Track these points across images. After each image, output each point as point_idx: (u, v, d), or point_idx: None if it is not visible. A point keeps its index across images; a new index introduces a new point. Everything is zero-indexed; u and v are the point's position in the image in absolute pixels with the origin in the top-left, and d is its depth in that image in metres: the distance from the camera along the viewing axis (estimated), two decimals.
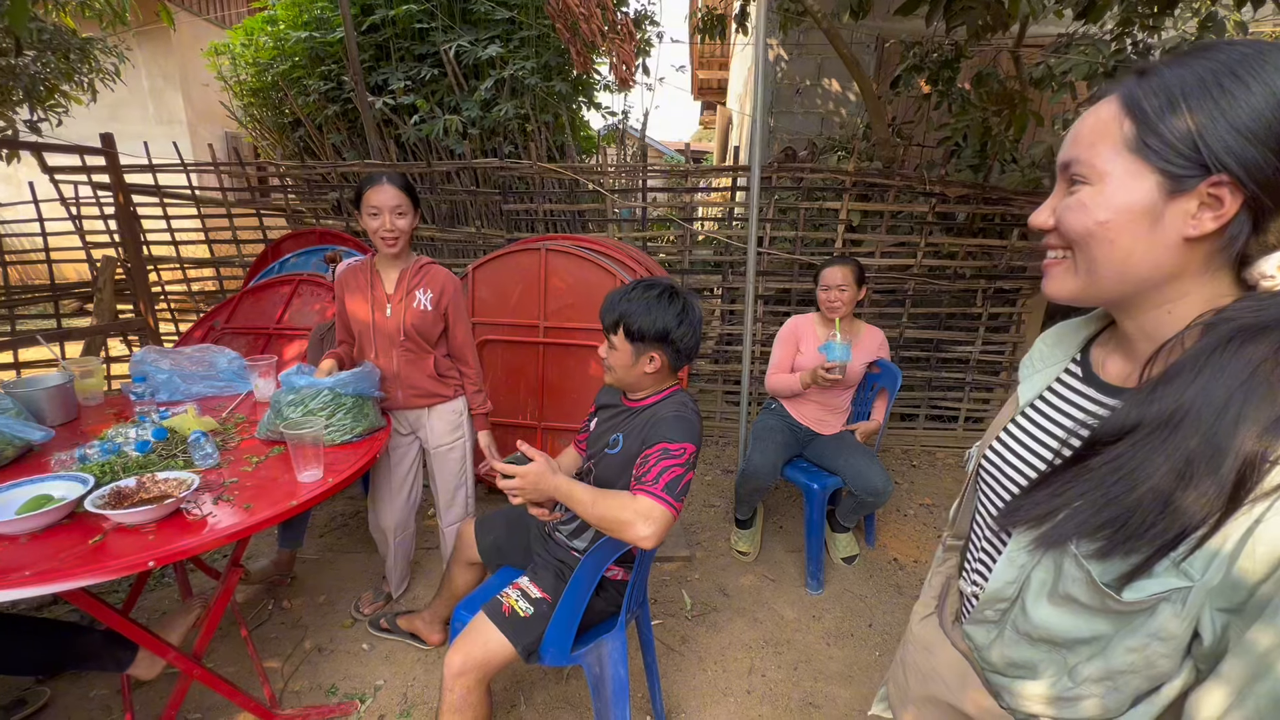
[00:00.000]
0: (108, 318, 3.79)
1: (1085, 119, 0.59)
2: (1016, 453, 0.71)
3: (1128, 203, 0.55)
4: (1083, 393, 0.67)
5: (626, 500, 1.26)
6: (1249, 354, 0.49)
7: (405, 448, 2.07)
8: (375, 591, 2.24)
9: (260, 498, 1.39)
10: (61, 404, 1.84)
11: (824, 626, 2.23)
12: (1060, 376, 0.72)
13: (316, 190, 4.13)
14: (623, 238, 3.80)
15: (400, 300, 1.89)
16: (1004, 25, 2.93)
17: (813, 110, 5.03)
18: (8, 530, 1.21)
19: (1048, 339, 0.74)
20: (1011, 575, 0.64)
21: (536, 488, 1.30)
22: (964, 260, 3.62)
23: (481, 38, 4.54)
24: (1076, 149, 0.59)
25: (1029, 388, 0.73)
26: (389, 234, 1.80)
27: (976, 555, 0.76)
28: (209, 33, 7.83)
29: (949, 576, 0.84)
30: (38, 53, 4.07)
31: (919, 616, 0.84)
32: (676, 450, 1.30)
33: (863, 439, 2.48)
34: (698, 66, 9.60)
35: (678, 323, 1.37)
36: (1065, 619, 0.60)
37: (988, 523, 0.74)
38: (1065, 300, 0.62)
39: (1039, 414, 0.71)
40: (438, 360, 1.99)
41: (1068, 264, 0.61)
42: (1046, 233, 0.63)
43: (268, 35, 5.09)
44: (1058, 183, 0.62)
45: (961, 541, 0.84)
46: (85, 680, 1.86)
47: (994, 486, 0.73)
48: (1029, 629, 0.64)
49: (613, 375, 1.46)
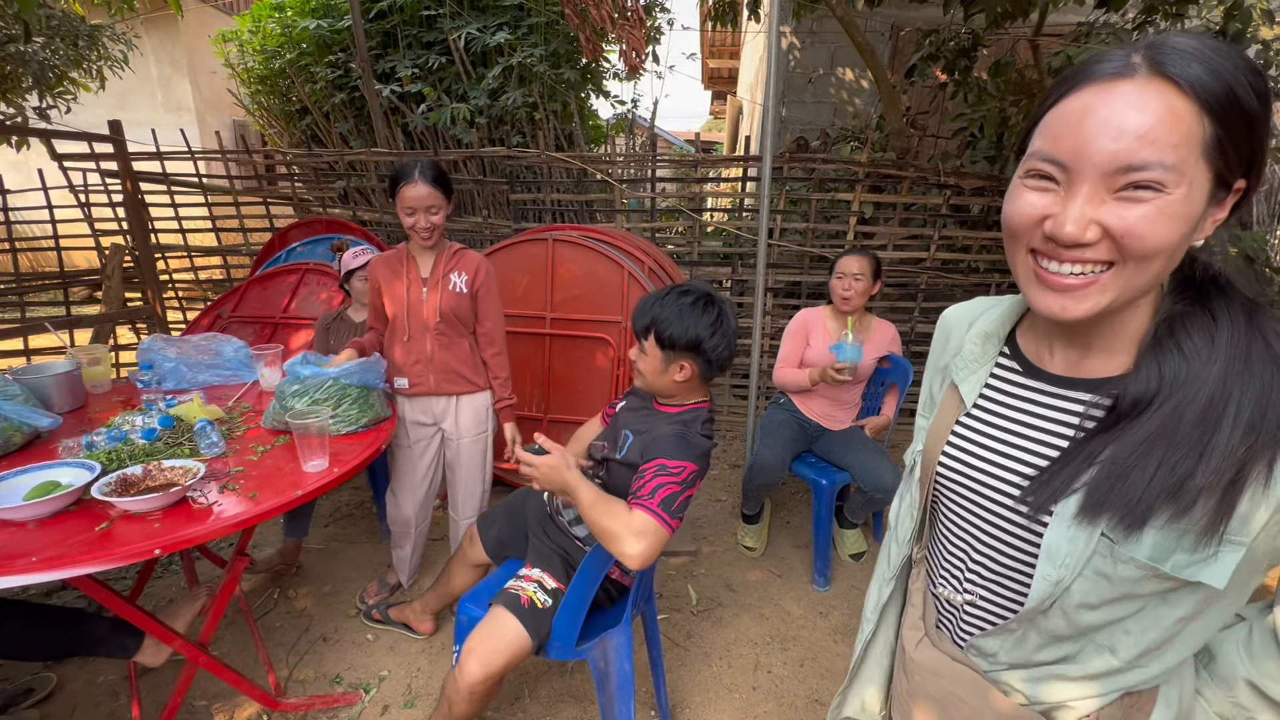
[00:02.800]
0: (116, 305, 3.80)
1: (1149, 112, 0.50)
2: (978, 454, 0.69)
3: (1193, 212, 0.51)
4: (1031, 386, 0.66)
5: (621, 511, 1.22)
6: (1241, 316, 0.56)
7: (429, 439, 2.07)
8: (380, 583, 2.24)
9: (266, 487, 1.38)
10: (69, 391, 1.83)
11: (831, 623, 2.22)
12: (995, 371, 0.71)
13: (323, 179, 4.12)
14: (631, 228, 3.77)
15: (436, 284, 1.91)
16: (1023, 13, 2.87)
17: (825, 100, 4.96)
18: (15, 516, 1.20)
19: (975, 338, 0.73)
20: (1049, 592, 0.60)
21: (549, 478, 1.29)
22: (978, 254, 3.57)
23: (489, 24, 4.50)
24: (1153, 150, 0.49)
25: (969, 388, 0.72)
26: (424, 230, 1.83)
27: (954, 561, 0.73)
28: (217, 19, 7.80)
29: (925, 589, 0.81)
30: (46, 39, 4.06)
31: (913, 641, 0.80)
32: (675, 468, 1.26)
33: (872, 434, 2.45)
34: (708, 55, 9.51)
35: (711, 332, 1.32)
36: (1113, 611, 0.59)
37: (960, 525, 0.72)
38: (1084, 319, 0.57)
39: (986, 412, 0.70)
40: (471, 347, 2.01)
41: (1104, 279, 0.55)
42: (1074, 247, 0.54)
43: (275, 22, 5.06)
44: (1076, 179, 0.53)
45: (924, 551, 0.81)
46: (92, 666, 1.87)
47: (960, 489, 0.71)
48: (1067, 632, 0.62)
49: (642, 380, 1.43)
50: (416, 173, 1.78)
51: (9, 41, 3.74)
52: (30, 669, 1.83)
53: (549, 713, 1.79)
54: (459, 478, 2.10)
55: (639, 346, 1.40)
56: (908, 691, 0.80)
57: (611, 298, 2.69)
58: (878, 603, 0.86)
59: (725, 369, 1.40)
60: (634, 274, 2.66)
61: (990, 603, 0.70)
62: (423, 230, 1.83)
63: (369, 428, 1.73)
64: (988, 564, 0.69)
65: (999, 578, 0.68)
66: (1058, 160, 0.54)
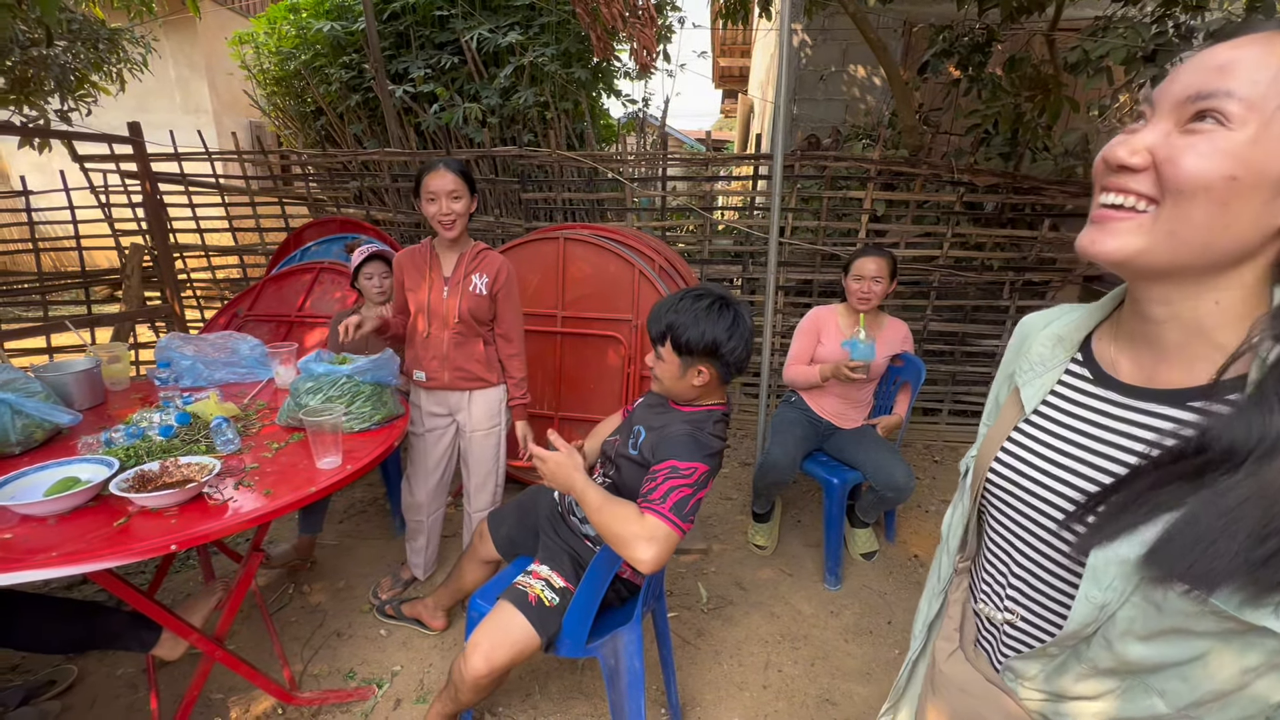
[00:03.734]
0: (136, 304, 3.86)
1: (1244, 49, 0.46)
2: (1033, 464, 0.65)
3: (1261, 163, 0.46)
4: (1099, 395, 0.61)
5: (632, 515, 1.22)
6: None
7: (443, 429, 2.09)
8: (394, 578, 2.26)
9: (280, 483, 1.40)
10: (89, 388, 1.87)
11: (842, 623, 2.20)
12: (1063, 378, 0.66)
13: (338, 179, 4.15)
14: (642, 227, 3.77)
15: (458, 284, 1.93)
16: (1039, 7, 2.84)
17: (837, 97, 4.92)
18: (36, 512, 1.23)
19: (1046, 340, 0.68)
20: (1091, 616, 0.55)
21: (555, 475, 1.31)
22: (992, 252, 3.53)
23: (501, 25, 4.51)
24: (1230, 80, 0.46)
25: (1032, 393, 0.67)
26: (446, 217, 1.85)
27: (995, 576, 0.70)
28: (234, 21, 7.90)
29: (964, 602, 0.77)
30: (68, 43, 4.13)
31: (945, 654, 0.75)
32: (686, 470, 1.26)
33: (884, 433, 2.43)
34: (719, 54, 9.49)
35: (728, 336, 1.31)
36: (1163, 650, 0.52)
37: (1003, 538, 0.68)
38: (1112, 261, 0.52)
39: (1047, 420, 0.65)
40: (486, 346, 2.04)
41: (1143, 219, 0.50)
42: (1120, 171, 0.51)
43: (290, 24, 5.11)
44: (1156, 114, 0.51)
45: (969, 562, 0.77)
46: (111, 659, 1.91)
47: (1008, 500, 0.67)
48: (1111, 665, 0.56)
49: (660, 385, 1.43)
50: (441, 164, 1.84)
51: (31, 45, 3.81)
52: (51, 661, 1.87)
53: (559, 709, 1.80)
54: (472, 470, 2.12)
55: (655, 353, 1.40)
56: (931, 703, 0.77)
57: (623, 296, 2.69)
58: (927, 618, 0.82)
59: (742, 370, 1.39)
60: (645, 272, 2.66)
61: (1031, 624, 0.66)
62: (445, 217, 1.84)
63: (382, 425, 1.75)
64: (1028, 580, 0.65)
65: (1040, 596, 0.64)
66: (1149, 96, 0.52)
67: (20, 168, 7.73)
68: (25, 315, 5.19)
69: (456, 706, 1.51)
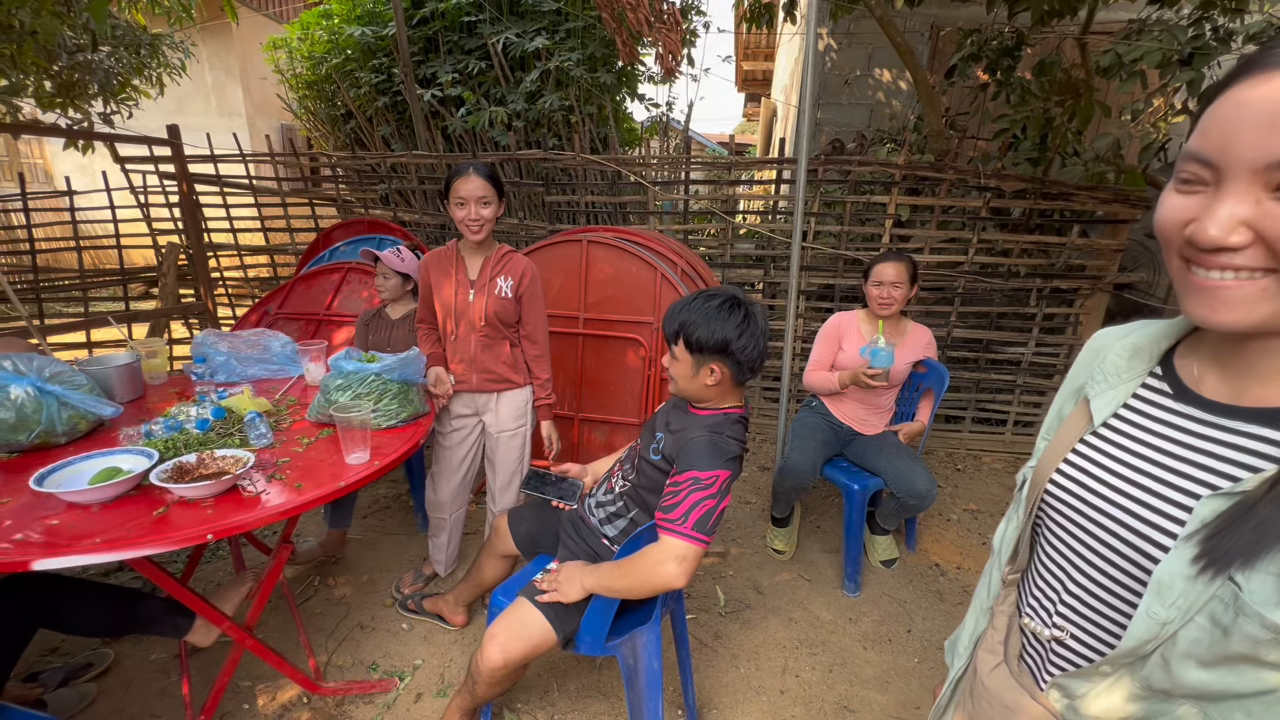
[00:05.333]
0: (171, 301, 3.98)
1: None
2: (1100, 478, 0.63)
3: None
4: (1179, 411, 0.59)
5: (651, 552, 1.29)
6: None
7: (469, 429, 2.12)
8: (416, 573, 2.30)
9: (310, 478, 1.44)
10: (130, 382, 1.93)
11: (861, 630, 2.19)
12: (1138, 392, 0.64)
13: (366, 181, 4.24)
14: (664, 230, 3.78)
15: (483, 287, 1.96)
16: (1071, 10, 2.79)
17: (861, 101, 4.89)
18: (82, 499, 1.28)
19: (1122, 351, 0.66)
20: (1152, 633, 0.53)
21: (569, 584, 1.41)
22: (1019, 258, 3.48)
23: (528, 30, 4.57)
24: None
25: (1103, 405, 0.65)
26: (474, 222, 1.87)
27: (1046, 591, 0.68)
28: (267, 27, 8.11)
29: (1011, 615, 0.75)
30: (111, 48, 4.28)
31: (988, 666, 0.73)
32: (707, 479, 1.29)
33: (906, 440, 2.41)
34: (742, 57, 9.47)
35: (738, 334, 1.34)
36: (1227, 678, 0.50)
37: (1059, 553, 0.67)
38: (1240, 329, 0.50)
39: (1117, 434, 0.63)
40: (512, 347, 2.07)
41: (1264, 284, 0.48)
42: (1219, 251, 0.49)
43: (323, 29, 5.23)
44: (1229, 181, 0.48)
45: (1018, 575, 0.75)
46: (145, 645, 1.97)
47: (1069, 515, 0.65)
48: (1165, 686, 0.53)
49: (675, 386, 1.46)
50: (471, 169, 1.86)
51: (78, 51, 3.96)
52: (89, 644, 1.94)
53: (577, 708, 1.82)
54: (498, 470, 2.15)
55: (670, 353, 1.44)
56: (969, 713, 0.76)
57: (644, 298, 2.71)
58: (973, 634, 0.80)
59: (756, 370, 1.40)
60: (667, 275, 2.67)
61: (1081, 643, 0.64)
62: (473, 222, 1.86)
63: (408, 422, 1.78)
64: (1085, 597, 0.63)
65: (1096, 615, 0.62)
66: (1205, 158, 0.49)
67: (63, 169, 8.02)
68: (65, 311, 5.38)
69: (475, 701, 1.54)
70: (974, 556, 2.65)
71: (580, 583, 1.39)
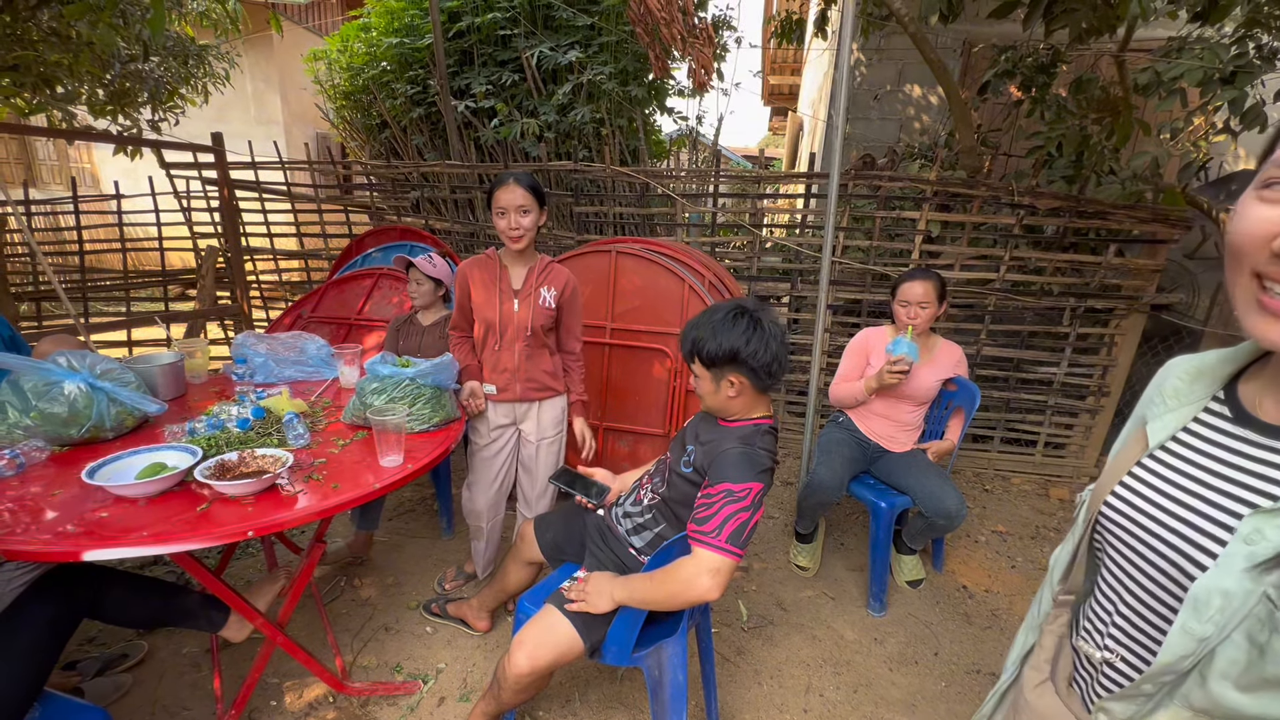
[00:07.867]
0: (208, 303, 4.09)
1: None
2: (1153, 500, 0.62)
3: None
4: (1237, 435, 0.59)
5: (685, 564, 1.29)
6: None
7: (506, 438, 2.14)
8: (458, 570, 2.36)
9: (346, 479, 1.47)
10: (173, 380, 1.99)
11: (886, 651, 2.15)
12: (1199, 416, 0.63)
13: (399, 189, 4.32)
14: (691, 242, 3.79)
15: (527, 296, 1.98)
16: (1110, 28, 2.76)
17: (891, 117, 4.88)
18: (129, 493, 1.32)
19: (1183, 374, 0.65)
20: (1189, 649, 0.52)
21: (598, 595, 1.40)
22: (1052, 276, 3.43)
23: (562, 44, 4.64)
24: None
25: (1160, 427, 0.64)
26: (514, 231, 1.89)
27: (1099, 614, 0.67)
28: (307, 39, 8.35)
29: (1061, 636, 0.74)
30: (161, 59, 4.45)
31: (1032, 684, 0.73)
32: (740, 491, 1.29)
33: (935, 459, 2.38)
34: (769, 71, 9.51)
35: (745, 340, 1.34)
36: (1268, 704, 0.49)
37: (1113, 574, 0.66)
38: None
39: (1175, 457, 0.63)
40: (552, 355, 2.10)
41: None
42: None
43: (362, 42, 5.37)
44: None
45: (1073, 596, 0.74)
46: (178, 638, 2.01)
47: (1121, 537, 0.65)
48: (1205, 705, 0.53)
49: (704, 403, 1.49)
50: (512, 179, 1.88)
51: (130, 61, 4.12)
52: (125, 635, 1.98)
53: (599, 717, 1.81)
54: (535, 477, 2.17)
55: (692, 372, 1.46)
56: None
57: (671, 310, 2.72)
58: (1022, 651, 0.80)
59: (775, 375, 1.39)
60: (694, 287, 2.68)
61: (1131, 665, 0.63)
62: (513, 231, 1.88)
63: (440, 427, 1.81)
64: (1134, 619, 0.63)
65: (1144, 636, 0.62)
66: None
67: (109, 174, 8.31)
68: (106, 310, 5.56)
69: (499, 707, 1.54)
70: (1002, 580, 2.59)
71: (610, 595, 1.39)
